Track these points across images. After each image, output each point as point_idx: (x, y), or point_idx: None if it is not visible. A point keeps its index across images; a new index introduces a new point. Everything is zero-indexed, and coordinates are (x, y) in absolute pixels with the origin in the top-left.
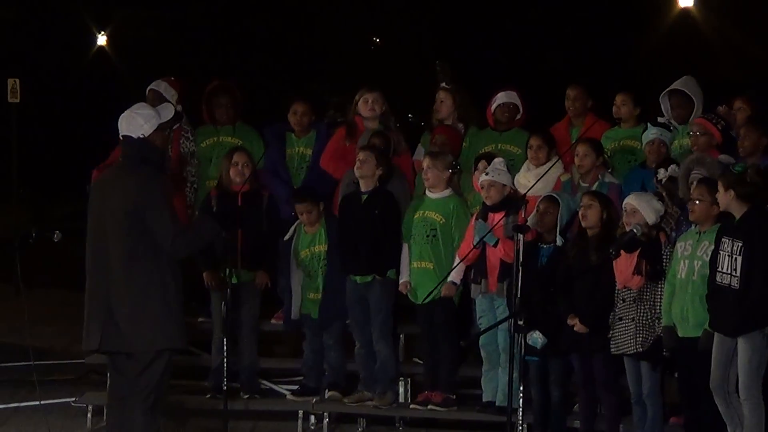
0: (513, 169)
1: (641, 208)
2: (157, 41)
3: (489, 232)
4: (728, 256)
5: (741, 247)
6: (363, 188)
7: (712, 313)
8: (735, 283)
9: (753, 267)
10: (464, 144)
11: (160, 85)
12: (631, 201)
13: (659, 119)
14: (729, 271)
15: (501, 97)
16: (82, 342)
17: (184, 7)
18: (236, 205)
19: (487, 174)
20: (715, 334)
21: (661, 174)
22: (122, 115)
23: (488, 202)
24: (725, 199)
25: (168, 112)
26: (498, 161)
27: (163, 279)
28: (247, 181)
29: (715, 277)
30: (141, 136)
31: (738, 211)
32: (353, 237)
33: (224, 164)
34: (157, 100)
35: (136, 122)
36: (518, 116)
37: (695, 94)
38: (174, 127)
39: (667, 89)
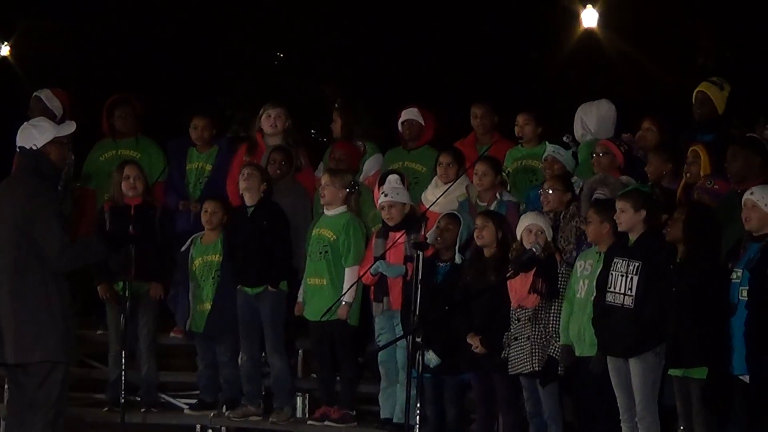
0: (417, 186)
1: (546, 227)
2: (61, 52)
3: (385, 252)
4: (621, 276)
5: (638, 266)
6: (248, 202)
7: (602, 335)
8: (629, 302)
9: (649, 287)
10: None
11: (43, 93)
12: (537, 222)
13: (564, 138)
14: (623, 291)
15: (403, 115)
16: None
17: (90, 18)
18: (129, 218)
19: (385, 195)
20: (609, 360)
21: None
22: (21, 126)
23: (390, 223)
24: (635, 218)
25: (68, 127)
26: (393, 179)
27: (48, 292)
28: (140, 194)
29: (604, 298)
30: (33, 147)
31: (638, 231)
32: (243, 249)
33: (116, 177)
34: (38, 108)
35: (30, 133)
36: (423, 133)
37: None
38: None
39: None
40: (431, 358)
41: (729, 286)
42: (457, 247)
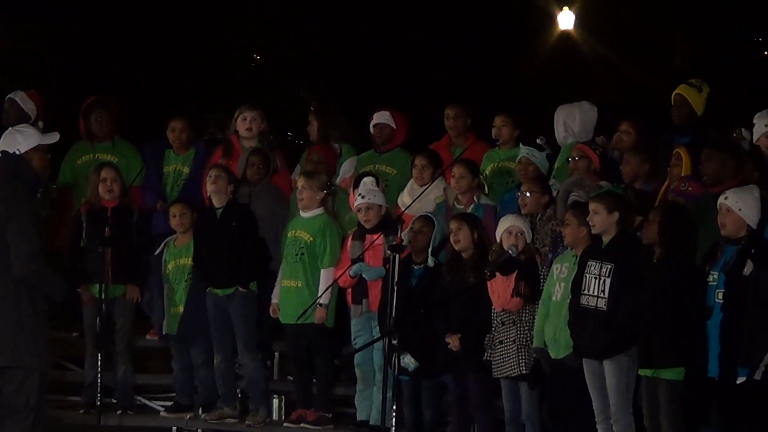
0: (387, 190)
1: (526, 230)
2: (36, 54)
3: (363, 252)
4: (595, 278)
5: (610, 269)
6: (217, 204)
7: (577, 337)
8: (602, 305)
9: (622, 289)
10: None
11: (17, 95)
12: (516, 224)
13: (538, 140)
14: (596, 294)
15: (375, 118)
16: None
17: (65, 20)
18: (105, 220)
19: (362, 197)
20: (584, 362)
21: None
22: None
23: (367, 225)
24: (609, 220)
25: (52, 137)
26: (368, 181)
27: (18, 296)
28: (116, 196)
29: (579, 300)
30: (16, 152)
31: (611, 233)
32: (212, 251)
33: (92, 180)
34: (12, 110)
35: (14, 138)
36: (394, 136)
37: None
38: None
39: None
40: (409, 362)
41: (705, 287)
42: (430, 250)
